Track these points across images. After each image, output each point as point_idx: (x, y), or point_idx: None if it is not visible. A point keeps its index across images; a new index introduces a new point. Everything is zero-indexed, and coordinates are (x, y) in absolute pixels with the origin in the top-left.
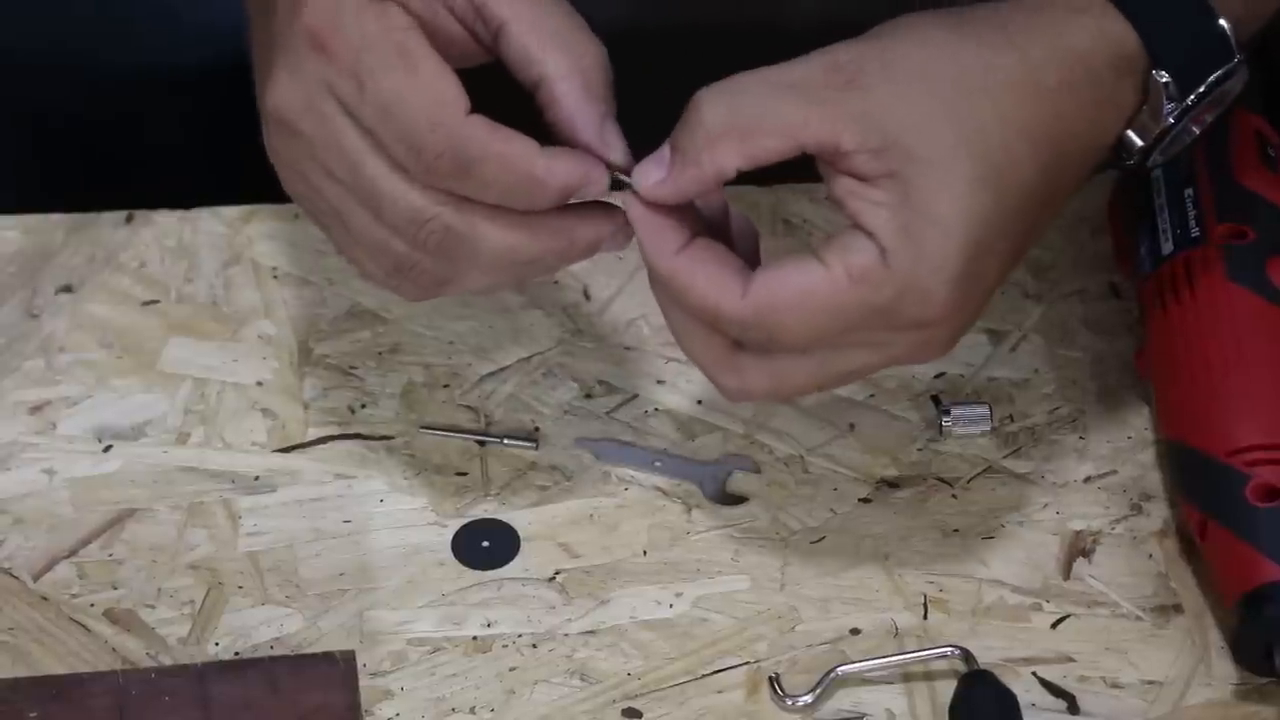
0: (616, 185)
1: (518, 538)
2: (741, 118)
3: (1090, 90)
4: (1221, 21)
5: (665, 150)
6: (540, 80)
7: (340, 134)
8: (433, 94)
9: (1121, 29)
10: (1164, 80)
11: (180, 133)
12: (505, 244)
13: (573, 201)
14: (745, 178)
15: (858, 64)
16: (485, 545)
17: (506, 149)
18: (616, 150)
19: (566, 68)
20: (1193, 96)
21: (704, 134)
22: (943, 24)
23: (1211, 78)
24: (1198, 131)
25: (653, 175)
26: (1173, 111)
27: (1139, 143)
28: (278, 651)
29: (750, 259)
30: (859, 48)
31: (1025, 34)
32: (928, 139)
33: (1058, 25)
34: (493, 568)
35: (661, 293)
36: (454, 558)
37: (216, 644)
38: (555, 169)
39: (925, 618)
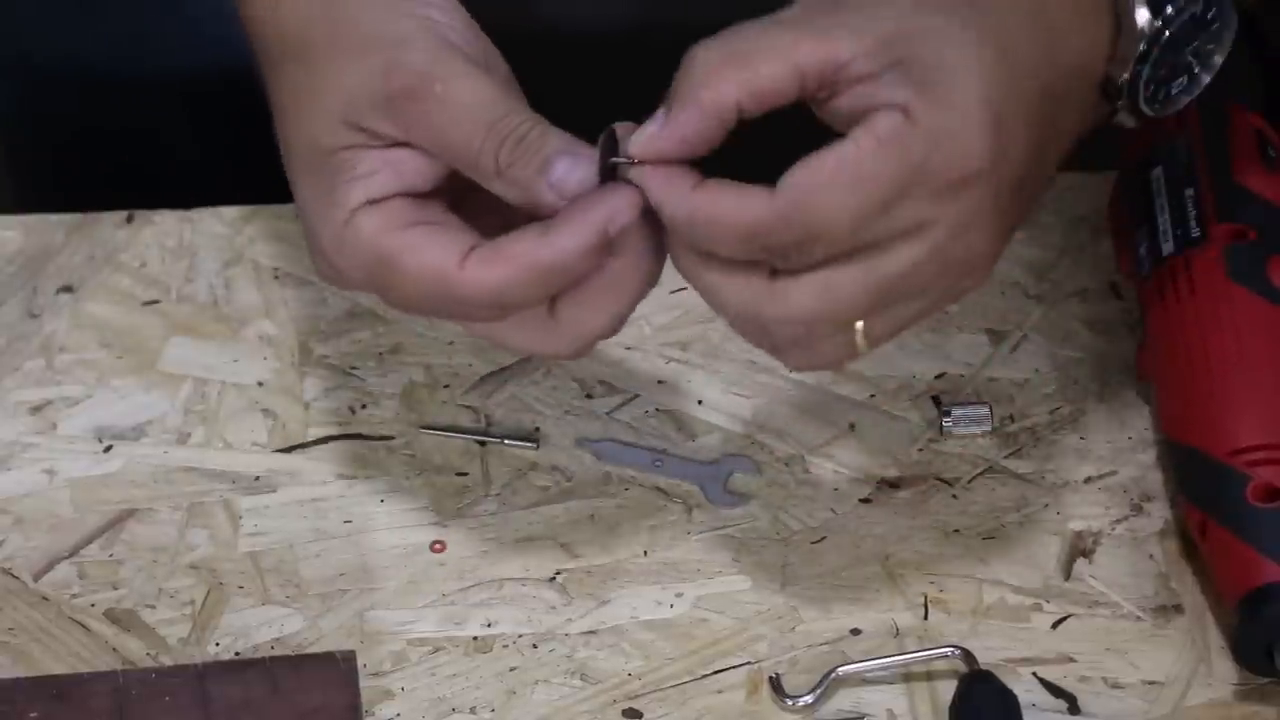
0: (613, 172)
1: None
2: (734, 48)
3: (1074, 4)
4: None
5: (658, 111)
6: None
7: (413, 314)
8: (421, 279)
9: None
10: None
11: (182, 134)
12: (611, 318)
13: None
14: (742, 178)
15: None
16: None
17: (512, 270)
18: (580, 187)
19: (496, 185)
20: (1160, 20)
21: (699, 70)
22: None
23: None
24: (1204, 79)
25: (647, 132)
26: (1146, 35)
27: (1123, 76)
28: (278, 652)
29: None
30: None
31: None
32: (924, 21)
33: None
34: None
35: (689, 255)
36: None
37: (217, 644)
38: (568, 240)
39: (926, 618)
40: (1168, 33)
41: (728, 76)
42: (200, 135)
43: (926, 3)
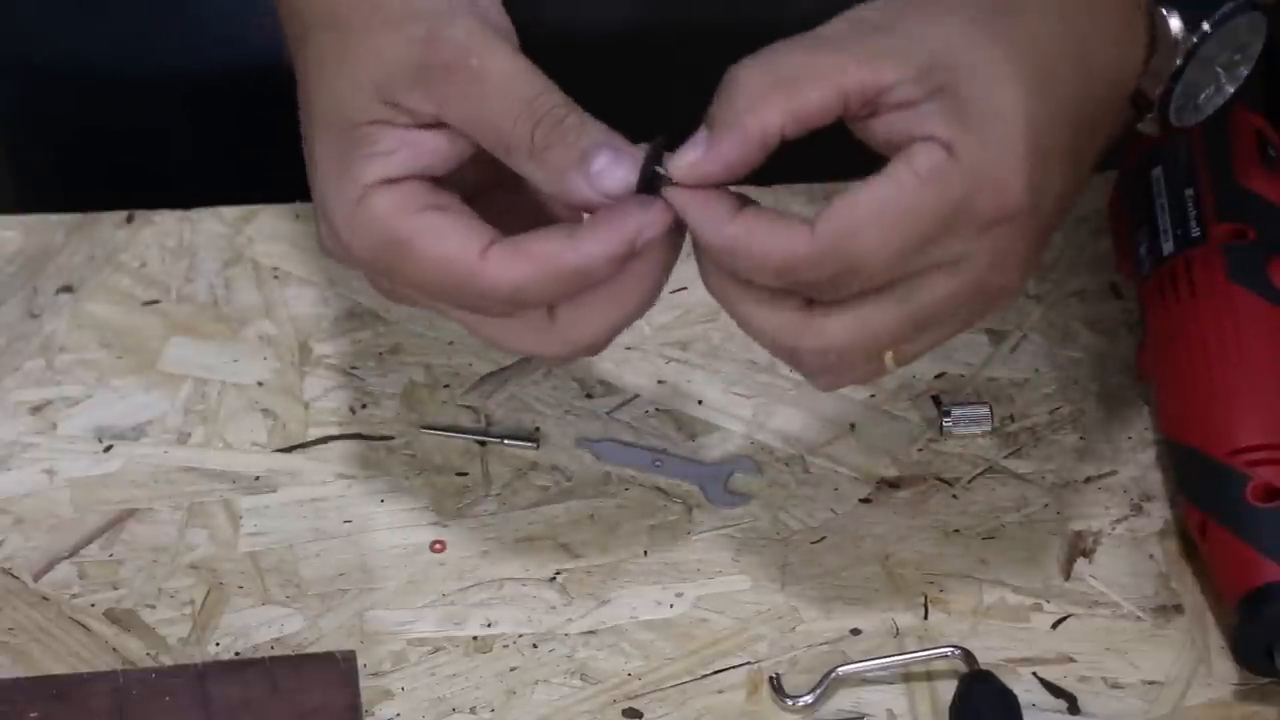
0: (651, 183)
1: None
2: (780, 73)
3: (1111, 23)
4: None
5: (701, 133)
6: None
7: (412, 300)
8: (439, 266)
9: None
10: (1172, 19)
11: (182, 134)
12: (609, 327)
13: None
14: (745, 178)
15: (880, 14)
16: None
17: (535, 268)
18: (618, 187)
19: (527, 165)
20: (1196, 36)
21: (744, 96)
22: None
23: (1218, 14)
24: (1229, 90)
25: (690, 156)
26: (1182, 49)
27: (1157, 90)
28: (278, 651)
29: None
30: (880, 3)
31: None
32: (969, 52)
33: None
34: None
35: (721, 278)
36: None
37: (217, 644)
38: (593, 245)
39: (926, 618)
40: (1202, 48)
41: (774, 103)
42: (200, 135)
43: (970, 30)
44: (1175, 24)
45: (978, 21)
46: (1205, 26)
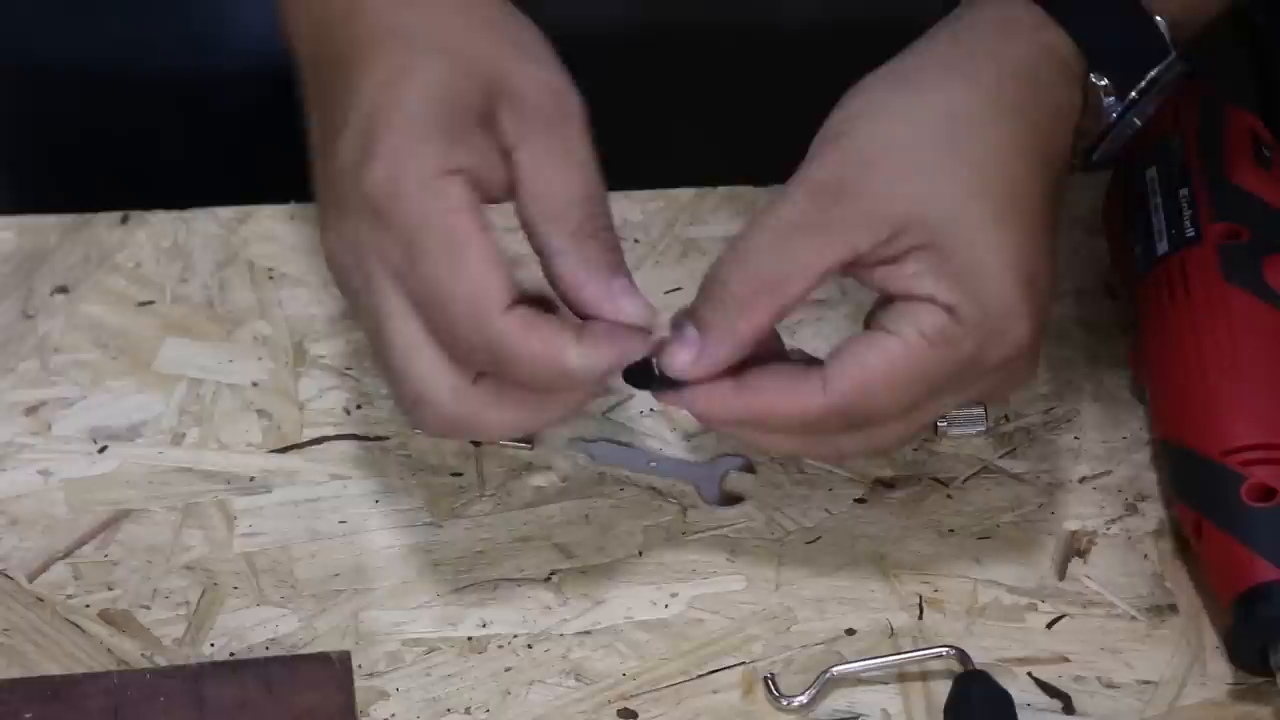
0: (639, 371)
1: None
2: (764, 275)
3: (1052, 92)
4: (1157, 19)
5: (687, 330)
6: (541, 253)
7: (381, 300)
8: (475, 288)
9: (1055, 36)
10: (1102, 83)
11: (178, 136)
12: (509, 426)
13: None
14: (741, 178)
15: (836, 175)
16: None
17: (540, 350)
18: (634, 314)
19: (563, 241)
20: (1134, 93)
21: (735, 303)
22: (891, 87)
23: (1150, 74)
24: (1139, 124)
25: (681, 358)
26: (1114, 109)
27: (1083, 144)
28: (273, 652)
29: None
30: (828, 157)
31: (973, 65)
32: (934, 203)
33: (998, 49)
34: None
35: (740, 431)
36: None
37: (212, 645)
38: (589, 358)
39: (920, 618)
40: (1129, 111)
41: (763, 307)
42: (195, 136)
43: (937, 180)
44: (1109, 101)
45: (928, 165)
46: (1141, 84)
